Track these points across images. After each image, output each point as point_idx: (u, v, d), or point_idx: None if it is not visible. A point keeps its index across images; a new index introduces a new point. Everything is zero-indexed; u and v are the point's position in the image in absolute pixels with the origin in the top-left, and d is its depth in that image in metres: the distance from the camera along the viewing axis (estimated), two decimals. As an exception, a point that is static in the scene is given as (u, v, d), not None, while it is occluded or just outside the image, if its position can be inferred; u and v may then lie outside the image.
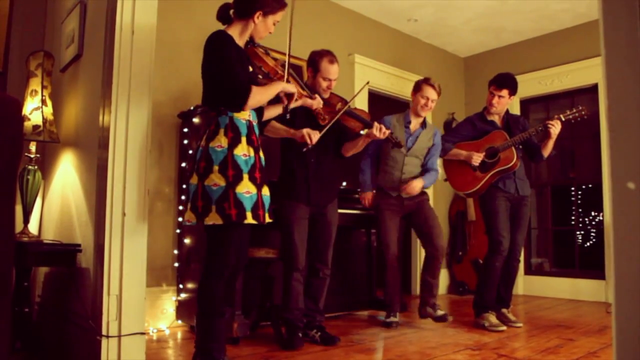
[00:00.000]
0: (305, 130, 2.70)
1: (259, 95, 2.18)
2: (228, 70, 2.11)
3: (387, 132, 2.96)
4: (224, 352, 2.18)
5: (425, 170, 3.51)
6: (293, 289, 2.85)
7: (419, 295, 3.57)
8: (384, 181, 3.48)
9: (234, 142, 2.10)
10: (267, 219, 2.28)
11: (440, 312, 3.36)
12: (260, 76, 2.40)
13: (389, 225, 3.43)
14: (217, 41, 2.15)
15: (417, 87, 3.44)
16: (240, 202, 2.05)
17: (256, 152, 2.18)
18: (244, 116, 2.18)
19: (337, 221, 3.06)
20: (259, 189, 2.14)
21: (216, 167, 2.07)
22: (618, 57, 0.91)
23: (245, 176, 2.09)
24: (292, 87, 2.37)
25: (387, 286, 3.47)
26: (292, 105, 2.67)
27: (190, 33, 3.61)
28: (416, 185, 3.37)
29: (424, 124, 3.52)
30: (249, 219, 2.07)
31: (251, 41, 2.32)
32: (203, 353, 2.12)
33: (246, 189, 2.08)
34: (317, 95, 2.79)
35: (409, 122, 3.49)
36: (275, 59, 2.45)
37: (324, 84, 2.96)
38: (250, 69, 2.28)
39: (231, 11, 2.26)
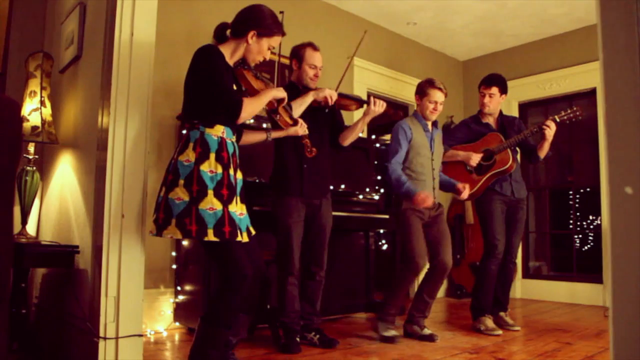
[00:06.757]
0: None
1: (250, 107, 2.14)
2: (218, 83, 2.08)
3: (384, 103, 2.94)
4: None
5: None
6: (289, 292, 2.84)
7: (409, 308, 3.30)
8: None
9: (201, 158, 2.05)
10: (244, 238, 2.14)
11: (427, 331, 3.17)
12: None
13: (418, 231, 3.12)
14: (207, 53, 2.12)
15: (423, 92, 3.21)
16: (202, 219, 2.00)
17: (225, 169, 2.10)
18: (217, 132, 2.12)
19: (331, 222, 3.02)
20: (225, 206, 2.07)
21: (182, 182, 2.03)
22: (616, 61, 0.92)
23: (210, 192, 2.03)
24: (282, 93, 2.34)
25: (396, 292, 3.17)
26: (275, 135, 2.67)
27: (190, 34, 3.61)
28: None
29: (435, 124, 3.31)
30: (210, 236, 2.00)
31: (243, 62, 2.28)
32: (200, 358, 2.11)
33: (210, 205, 2.02)
34: (300, 121, 2.63)
35: (426, 125, 3.25)
36: (267, 83, 2.39)
37: (311, 72, 2.93)
38: (235, 87, 2.22)
39: (228, 31, 2.26)
